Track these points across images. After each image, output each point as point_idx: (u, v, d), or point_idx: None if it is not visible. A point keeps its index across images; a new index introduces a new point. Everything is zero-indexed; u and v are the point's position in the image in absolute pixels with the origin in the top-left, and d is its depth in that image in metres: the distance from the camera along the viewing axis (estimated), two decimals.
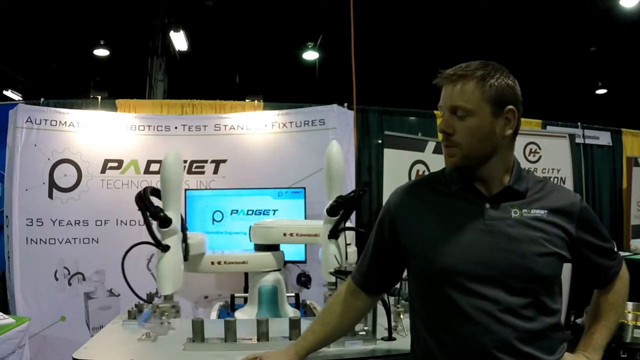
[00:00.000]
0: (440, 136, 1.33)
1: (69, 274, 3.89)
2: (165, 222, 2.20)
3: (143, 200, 2.24)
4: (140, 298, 2.27)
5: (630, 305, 2.58)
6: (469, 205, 1.28)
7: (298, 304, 3.00)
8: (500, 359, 1.19)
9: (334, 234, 2.04)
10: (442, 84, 1.28)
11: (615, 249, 1.43)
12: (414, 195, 1.38)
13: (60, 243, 3.88)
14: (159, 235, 2.26)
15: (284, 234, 2.78)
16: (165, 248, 2.21)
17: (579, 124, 5.80)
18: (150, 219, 2.23)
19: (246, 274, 3.34)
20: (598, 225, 1.35)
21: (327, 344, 1.54)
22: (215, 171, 4.11)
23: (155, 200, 2.35)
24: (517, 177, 1.30)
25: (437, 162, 4.37)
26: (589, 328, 1.43)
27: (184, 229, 2.49)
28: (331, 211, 2.03)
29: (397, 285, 1.97)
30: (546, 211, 1.26)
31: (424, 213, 1.33)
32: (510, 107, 1.25)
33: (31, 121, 3.88)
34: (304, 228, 2.75)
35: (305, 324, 1.81)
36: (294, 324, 1.85)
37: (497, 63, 1.29)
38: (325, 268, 2.18)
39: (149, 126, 4.12)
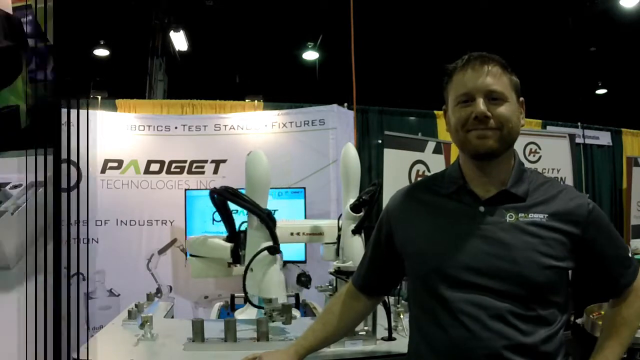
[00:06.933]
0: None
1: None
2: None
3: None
4: None
5: None
6: (463, 207, 1.25)
7: (298, 304, 3.00)
8: None
9: (358, 230, 2.13)
10: (469, 67, 1.23)
11: (630, 256, 1.32)
12: (411, 197, 1.37)
13: None
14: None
15: None
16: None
17: (579, 124, 5.80)
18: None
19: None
20: (610, 229, 1.27)
21: (327, 344, 1.53)
22: (215, 171, 4.11)
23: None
24: (517, 179, 1.24)
25: (437, 162, 4.37)
26: (601, 344, 1.32)
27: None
28: (354, 209, 2.16)
29: (398, 286, 1.97)
30: (546, 215, 1.19)
31: (419, 213, 1.31)
32: (522, 98, 1.27)
33: None
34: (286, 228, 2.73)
35: (305, 324, 1.81)
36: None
37: None
38: (353, 261, 2.18)
39: (149, 126, 4.12)
